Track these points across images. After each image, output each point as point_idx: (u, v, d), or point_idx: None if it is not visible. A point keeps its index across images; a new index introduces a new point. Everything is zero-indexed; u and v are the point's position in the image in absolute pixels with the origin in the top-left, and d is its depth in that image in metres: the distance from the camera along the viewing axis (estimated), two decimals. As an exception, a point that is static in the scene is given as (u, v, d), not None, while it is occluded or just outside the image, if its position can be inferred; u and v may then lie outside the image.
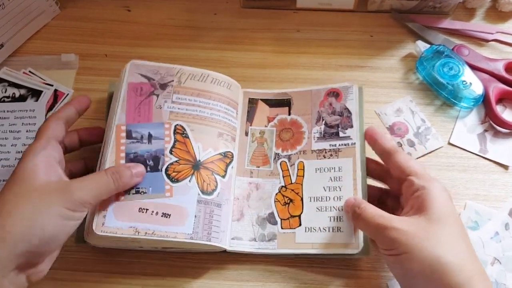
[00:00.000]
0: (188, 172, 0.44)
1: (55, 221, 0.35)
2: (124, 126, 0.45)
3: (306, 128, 0.49)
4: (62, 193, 0.36)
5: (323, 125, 0.49)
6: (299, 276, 0.45)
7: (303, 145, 0.49)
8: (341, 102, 0.49)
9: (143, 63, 0.48)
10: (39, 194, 0.36)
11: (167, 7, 0.62)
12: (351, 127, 0.47)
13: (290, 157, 0.48)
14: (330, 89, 0.50)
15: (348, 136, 0.47)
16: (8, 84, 0.55)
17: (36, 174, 0.37)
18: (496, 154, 0.52)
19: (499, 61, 0.56)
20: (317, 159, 0.47)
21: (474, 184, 0.50)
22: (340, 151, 0.47)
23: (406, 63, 0.58)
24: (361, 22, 0.61)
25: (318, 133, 0.49)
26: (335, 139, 0.47)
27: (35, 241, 0.35)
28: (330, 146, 0.47)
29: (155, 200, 0.42)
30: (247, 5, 0.62)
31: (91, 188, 0.38)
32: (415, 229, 0.37)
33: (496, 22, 0.61)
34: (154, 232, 0.41)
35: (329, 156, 0.47)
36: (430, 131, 0.53)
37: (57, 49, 0.58)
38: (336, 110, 0.49)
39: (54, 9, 0.60)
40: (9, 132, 0.52)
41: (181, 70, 0.48)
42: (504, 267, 0.46)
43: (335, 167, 0.46)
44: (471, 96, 0.52)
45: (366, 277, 0.45)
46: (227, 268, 0.46)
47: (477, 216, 0.48)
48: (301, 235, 0.45)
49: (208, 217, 0.43)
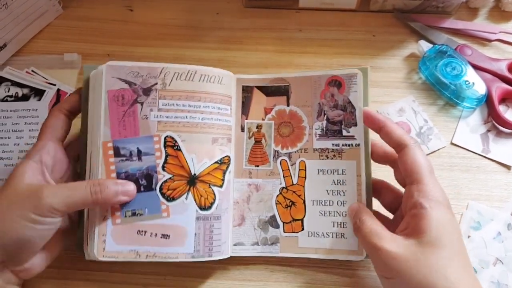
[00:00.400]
0: (183, 189, 0.42)
1: (20, 224, 0.36)
2: (110, 143, 0.41)
3: (306, 122, 0.47)
4: (31, 197, 0.36)
5: (325, 120, 0.46)
6: (300, 276, 0.46)
7: (304, 142, 0.46)
8: (343, 94, 0.45)
9: (121, 64, 0.42)
10: (12, 198, 0.37)
11: (170, 7, 0.62)
12: (355, 125, 0.45)
13: (290, 155, 0.46)
14: (332, 76, 0.46)
15: (352, 136, 0.45)
16: (11, 83, 0.55)
17: (21, 179, 0.38)
18: (499, 154, 0.51)
19: (502, 61, 0.55)
20: (320, 159, 0.45)
21: (477, 184, 0.50)
22: (344, 152, 0.45)
23: (408, 63, 0.58)
24: (363, 22, 0.61)
25: (319, 129, 0.46)
26: (338, 138, 0.45)
27: (6, 242, 0.36)
28: (333, 146, 0.45)
29: (153, 221, 0.41)
30: (249, 4, 0.62)
31: (64, 196, 0.37)
32: (407, 254, 0.35)
33: (499, 22, 0.60)
34: (155, 254, 0.41)
35: (332, 156, 0.45)
36: (433, 131, 0.53)
37: (59, 48, 0.58)
38: (338, 103, 0.45)
39: (57, 9, 0.61)
40: (12, 131, 0.52)
41: (164, 69, 0.43)
42: (507, 267, 0.45)
43: (339, 169, 0.45)
44: (474, 96, 0.52)
45: (366, 277, 0.45)
46: (229, 268, 0.46)
47: (479, 216, 0.48)
48: (304, 239, 0.44)
49: (208, 233, 0.42)
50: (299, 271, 0.46)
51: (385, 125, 0.41)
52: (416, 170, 0.38)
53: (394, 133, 0.41)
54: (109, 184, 0.39)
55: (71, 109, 0.43)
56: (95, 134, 0.42)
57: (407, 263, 0.35)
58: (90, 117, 0.43)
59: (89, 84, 0.43)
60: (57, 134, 0.42)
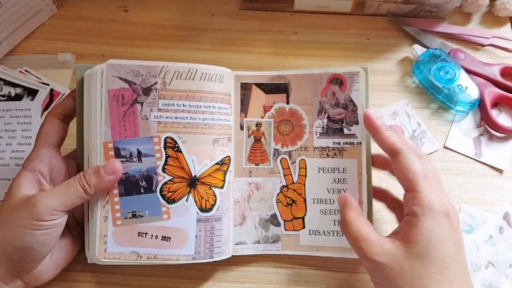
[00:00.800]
0: (184, 191, 0.42)
1: (20, 232, 0.37)
2: (111, 143, 0.41)
3: (307, 120, 0.46)
4: (27, 205, 0.37)
5: (326, 119, 0.45)
6: (298, 275, 0.46)
7: (304, 140, 0.46)
8: (345, 92, 0.45)
9: (122, 62, 0.42)
10: (11, 207, 0.38)
11: (165, 8, 0.62)
12: (357, 123, 0.44)
13: (290, 153, 0.46)
14: (333, 74, 0.45)
15: (354, 134, 0.44)
16: (4, 83, 0.55)
17: (18, 190, 0.39)
18: (491, 158, 0.52)
19: (495, 66, 0.56)
20: (320, 158, 0.45)
21: (469, 188, 0.50)
22: (345, 150, 0.44)
23: (402, 67, 0.58)
24: (358, 25, 0.61)
25: (320, 127, 0.45)
26: (339, 136, 0.44)
27: (8, 250, 0.37)
28: (333, 144, 0.45)
29: (153, 223, 0.41)
30: (244, 6, 0.62)
31: (58, 195, 0.38)
32: (393, 263, 0.35)
33: (492, 27, 0.61)
34: (156, 256, 0.41)
35: (333, 155, 0.45)
36: (426, 135, 0.53)
37: (53, 48, 0.58)
38: (339, 101, 0.45)
39: (51, 8, 0.60)
40: (4, 131, 0.52)
41: (164, 68, 0.42)
42: (498, 270, 0.46)
43: (339, 167, 0.44)
44: (466, 100, 0.53)
45: (366, 277, 0.45)
46: (224, 269, 0.46)
47: (471, 219, 0.48)
48: (305, 237, 0.45)
49: (209, 235, 0.42)
50: (296, 271, 0.46)
51: (379, 131, 0.40)
52: (409, 177, 0.37)
53: (387, 140, 0.39)
54: (91, 171, 0.40)
55: (66, 113, 0.43)
56: (94, 135, 0.41)
57: (392, 272, 0.35)
58: (87, 118, 0.42)
59: (84, 84, 0.42)
60: (51, 140, 0.42)
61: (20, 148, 0.51)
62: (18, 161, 0.51)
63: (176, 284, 0.45)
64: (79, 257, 0.44)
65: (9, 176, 0.50)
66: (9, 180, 0.49)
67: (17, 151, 0.51)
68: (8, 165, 0.50)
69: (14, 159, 0.51)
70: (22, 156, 0.51)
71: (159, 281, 0.45)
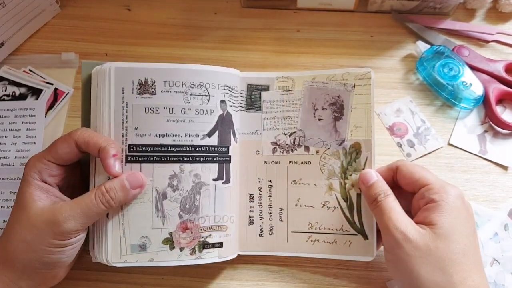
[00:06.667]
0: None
1: (48, 251, 0.37)
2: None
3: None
4: (51, 225, 0.37)
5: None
6: (298, 275, 0.46)
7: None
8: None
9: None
10: (32, 225, 0.37)
11: (168, 6, 0.62)
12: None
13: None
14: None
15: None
16: (8, 82, 0.55)
17: (32, 202, 0.38)
18: (496, 155, 0.52)
19: (499, 62, 0.56)
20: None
21: (474, 185, 0.50)
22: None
23: (406, 64, 0.58)
24: (361, 22, 0.61)
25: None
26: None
27: (36, 265, 0.38)
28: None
29: None
30: (247, 4, 0.62)
31: (78, 216, 0.37)
32: (421, 240, 0.36)
33: (496, 23, 0.61)
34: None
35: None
36: (430, 132, 0.53)
37: (57, 48, 0.58)
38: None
39: (54, 8, 0.60)
40: (9, 130, 0.52)
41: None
42: (503, 267, 0.46)
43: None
44: (471, 97, 0.52)
45: (366, 277, 0.45)
46: (225, 267, 0.46)
47: (476, 216, 0.48)
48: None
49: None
50: (296, 271, 0.46)
51: (374, 181, 0.41)
52: (416, 178, 0.40)
53: (382, 174, 0.42)
54: (117, 187, 0.38)
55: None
56: (103, 133, 0.40)
57: (417, 250, 0.36)
58: (94, 115, 0.41)
59: (92, 81, 0.41)
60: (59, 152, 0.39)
61: (25, 148, 0.51)
62: (22, 160, 0.51)
63: (181, 282, 0.45)
64: (83, 255, 0.44)
65: (14, 175, 0.50)
66: (14, 180, 0.50)
67: (22, 151, 0.51)
68: (13, 165, 0.51)
69: (19, 158, 0.51)
70: (26, 156, 0.51)
71: (164, 279, 0.45)
